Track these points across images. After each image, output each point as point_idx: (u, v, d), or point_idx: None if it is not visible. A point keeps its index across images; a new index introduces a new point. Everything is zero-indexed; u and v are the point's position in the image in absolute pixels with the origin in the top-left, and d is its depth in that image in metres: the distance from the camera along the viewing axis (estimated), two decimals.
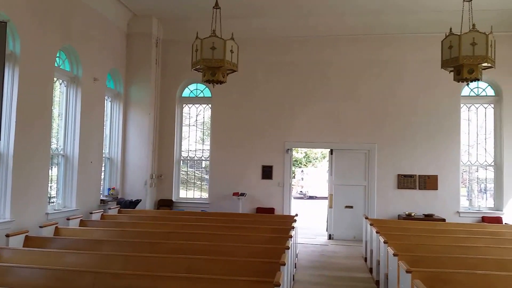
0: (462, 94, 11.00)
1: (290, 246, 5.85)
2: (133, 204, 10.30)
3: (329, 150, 11.63)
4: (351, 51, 11.36)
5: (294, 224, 7.99)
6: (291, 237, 6.47)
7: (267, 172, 11.48)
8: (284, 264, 4.58)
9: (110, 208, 9.45)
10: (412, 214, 10.51)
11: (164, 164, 11.83)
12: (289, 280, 6.23)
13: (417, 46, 10.97)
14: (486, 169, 11.24)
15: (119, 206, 9.77)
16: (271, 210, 11.28)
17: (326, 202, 12.21)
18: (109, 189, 10.63)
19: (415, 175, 10.92)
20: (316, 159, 33.32)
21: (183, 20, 11.46)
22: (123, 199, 10.52)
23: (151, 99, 11.30)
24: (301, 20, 11.27)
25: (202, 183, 12.32)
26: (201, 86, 12.18)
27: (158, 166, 11.76)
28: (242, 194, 11.18)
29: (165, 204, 11.66)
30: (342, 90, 11.35)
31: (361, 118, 11.24)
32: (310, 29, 11.38)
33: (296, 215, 8.99)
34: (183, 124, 12.28)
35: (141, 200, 10.61)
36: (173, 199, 11.78)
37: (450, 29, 7.34)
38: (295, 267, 8.14)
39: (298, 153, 31.92)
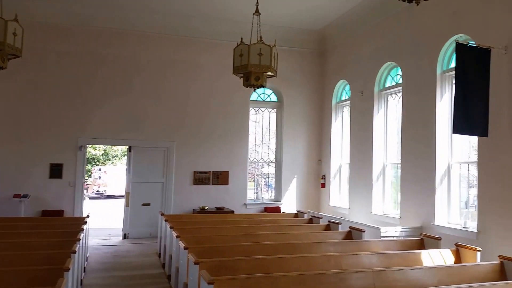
0: (251, 98, 12.12)
1: (77, 250, 5.51)
2: None
3: (127, 147, 11.37)
4: (154, 49, 11.34)
5: (85, 226, 7.55)
6: (79, 240, 6.10)
7: (56, 171, 10.53)
8: (68, 270, 4.28)
9: None
10: (206, 208, 11.11)
11: None
12: (76, 285, 5.87)
13: (214, 51, 11.62)
14: (269, 165, 12.66)
15: None
16: (59, 212, 10.39)
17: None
18: None
19: (210, 171, 11.58)
20: (116, 156, 32.10)
21: None
22: None
23: None
24: (105, 10, 10.71)
25: None
26: None
27: None
28: (25, 196, 9.99)
29: None
30: (143, 87, 11.23)
31: (162, 117, 11.32)
32: (115, 21, 10.91)
33: (88, 216, 8.51)
34: None
35: None
36: None
37: (241, 38, 8.00)
38: (84, 271, 7.72)
39: (96, 151, 30.21)
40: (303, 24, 11.67)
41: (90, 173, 29.11)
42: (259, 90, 12.14)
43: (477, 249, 5.66)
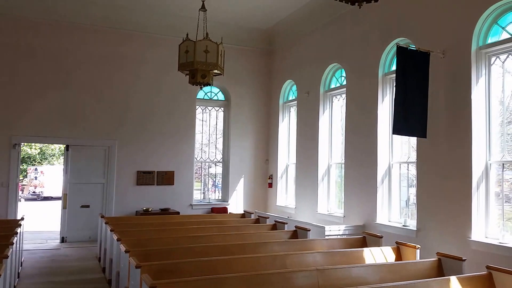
0: (198, 96, 11.94)
1: (9, 255, 5.14)
2: None
3: (65, 146, 10.82)
4: (94, 43, 10.86)
5: (19, 229, 7.09)
6: (12, 244, 5.70)
7: None
8: None
9: None
10: (150, 209, 10.80)
11: None
12: None
13: (159, 46, 11.32)
14: (216, 165, 12.54)
15: None
16: None
17: None
18: None
19: (154, 171, 11.26)
20: (54, 156, 30.63)
21: None
22: None
23: None
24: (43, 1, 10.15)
25: None
26: None
27: None
28: None
29: None
30: (83, 82, 10.72)
31: (102, 113, 10.87)
32: (48, 11, 10.33)
33: (22, 218, 8.00)
34: None
35: None
36: None
37: (187, 34, 7.84)
38: (18, 277, 7.24)
39: (32, 149, 28.66)
40: (251, 23, 11.65)
41: (25, 173, 27.60)
42: (206, 88, 11.99)
43: (416, 247, 5.86)
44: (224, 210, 11.79)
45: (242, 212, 10.48)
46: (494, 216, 6.24)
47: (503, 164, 6.20)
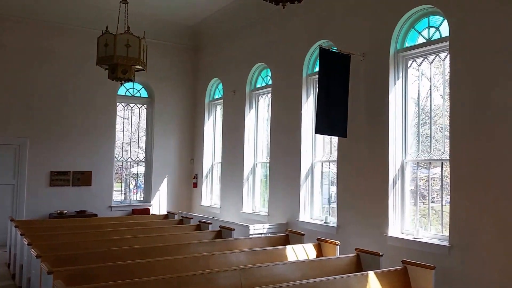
0: (118, 93, 11.41)
1: None
2: None
3: None
4: (5, 34, 9.95)
5: None
6: None
7: None
8: None
9: None
10: (64, 212, 10.11)
11: None
12: None
13: (76, 38, 10.64)
14: (139, 164, 12.08)
15: None
16: None
17: None
18: None
19: (70, 171, 10.56)
20: None
21: None
22: None
23: None
24: None
25: None
26: None
27: None
28: None
29: None
30: None
31: (12, 109, 9.99)
32: None
33: None
34: None
35: None
36: None
37: (107, 27, 7.45)
38: None
39: None
40: (176, 18, 11.35)
41: None
42: (128, 85, 11.49)
43: (336, 243, 6.01)
44: (146, 211, 11.39)
45: (165, 213, 10.20)
46: (409, 213, 6.58)
47: (418, 163, 6.55)
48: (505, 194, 5.13)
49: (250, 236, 7.68)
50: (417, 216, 6.49)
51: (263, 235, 7.88)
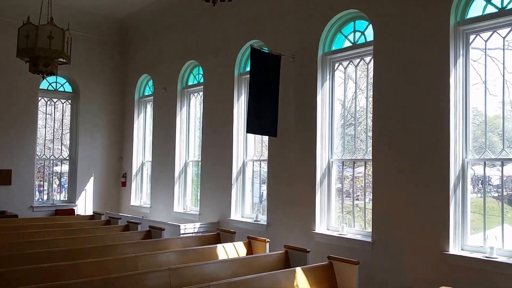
0: (41, 87, 10.76)
1: None
2: None
3: None
4: None
5: None
6: None
7: None
8: None
9: None
10: None
11: None
12: None
13: None
14: (63, 163, 11.47)
15: None
16: None
17: None
18: None
19: None
20: None
21: None
22: None
23: None
24: None
25: None
26: None
27: None
28: None
29: None
30: None
31: None
32: None
33: None
34: None
35: None
36: None
37: (28, 17, 6.99)
38: None
39: None
40: (104, 10, 10.91)
41: None
42: (51, 79, 10.87)
43: (266, 240, 6.13)
44: (71, 211, 10.87)
45: (91, 213, 9.79)
46: (335, 210, 6.86)
47: (343, 162, 6.84)
48: (418, 192, 5.50)
49: (181, 235, 7.60)
50: (342, 213, 6.78)
51: (194, 234, 7.83)
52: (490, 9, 5.20)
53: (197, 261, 5.49)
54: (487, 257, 4.86)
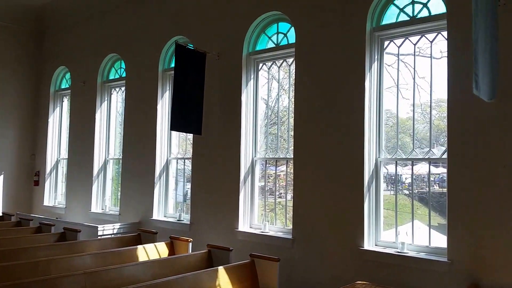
0: None
1: None
2: None
3: None
4: None
5: None
6: None
7: None
8: None
9: None
10: None
11: None
12: None
13: None
14: None
15: None
16: None
17: None
18: None
19: None
20: None
21: None
22: None
23: None
24: None
25: None
26: None
27: None
28: None
29: None
30: None
31: None
32: None
33: None
34: None
35: None
36: None
37: None
38: None
39: None
40: None
41: None
42: None
43: (189, 240, 6.05)
44: None
45: (0, 214, 9.07)
46: (258, 208, 6.93)
47: (266, 160, 6.94)
48: (335, 190, 5.72)
49: (99, 237, 7.27)
50: (265, 211, 6.88)
51: (113, 236, 7.53)
52: (403, 17, 5.53)
53: (116, 263, 5.29)
54: (398, 252, 5.17)
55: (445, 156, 5.03)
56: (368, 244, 5.46)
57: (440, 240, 5.03)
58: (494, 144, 4.57)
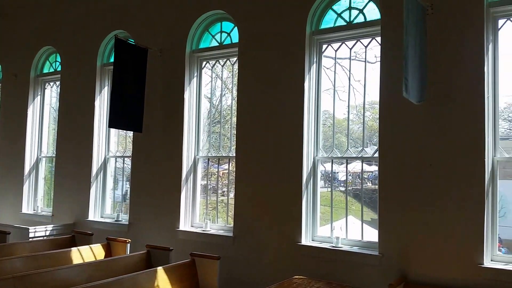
0: None
1: None
2: None
3: None
4: None
5: None
6: None
7: None
8: None
9: None
10: None
11: None
12: None
13: None
14: None
15: None
16: None
17: None
18: None
19: None
20: None
21: None
22: None
23: None
24: None
25: None
26: None
27: None
28: None
29: None
30: None
31: None
32: None
33: None
34: None
35: None
36: None
37: None
38: None
39: None
40: None
41: None
42: None
43: (127, 241, 5.92)
44: None
45: None
46: (200, 207, 6.90)
47: (208, 159, 6.92)
48: (275, 187, 5.82)
49: (30, 239, 6.92)
50: (207, 209, 6.86)
51: (45, 237, 7.20)
52: (340, 22, 5.73)
53: (48, 266, 5.06)
54: (333, 246, 5.37)
55: (377, 155, 5.29)
56: (306, 240, 5.61)
57: (373, 235, 5.28)
58: (421, 144, 4.86)
